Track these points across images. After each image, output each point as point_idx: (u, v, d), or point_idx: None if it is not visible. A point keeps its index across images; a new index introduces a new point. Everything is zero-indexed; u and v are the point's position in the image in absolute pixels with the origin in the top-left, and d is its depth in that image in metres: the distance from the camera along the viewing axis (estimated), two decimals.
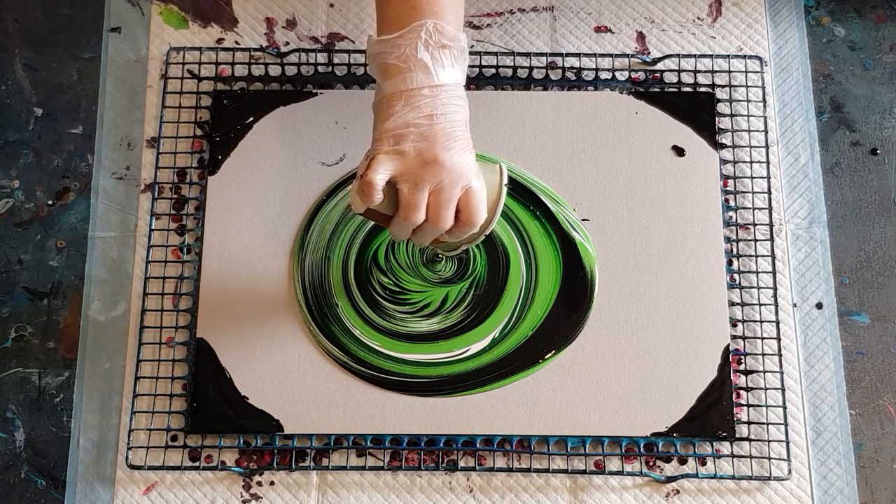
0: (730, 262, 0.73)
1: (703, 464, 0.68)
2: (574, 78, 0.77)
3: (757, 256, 0.73)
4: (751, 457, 0.68)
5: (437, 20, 0.56)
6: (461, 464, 0.68)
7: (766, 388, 0.70)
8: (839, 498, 0.68)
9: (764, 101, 0.76)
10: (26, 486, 0.69)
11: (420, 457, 0.68)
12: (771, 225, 0.73)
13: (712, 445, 0.69)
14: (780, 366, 0.70)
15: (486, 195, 0.58)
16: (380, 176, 0.56)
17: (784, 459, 0.68)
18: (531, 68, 0.77)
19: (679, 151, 0.75)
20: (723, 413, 0.69)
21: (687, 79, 0.77)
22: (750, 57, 0.77)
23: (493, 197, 0.59)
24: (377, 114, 0.58)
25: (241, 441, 0.69)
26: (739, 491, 0.68)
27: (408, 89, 0.56)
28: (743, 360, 0.71)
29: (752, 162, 0.75)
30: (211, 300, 0.71)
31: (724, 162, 0.75)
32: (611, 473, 0.68)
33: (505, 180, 0.60)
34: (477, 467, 0.68)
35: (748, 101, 0.77)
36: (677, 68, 0.77)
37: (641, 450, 0.68)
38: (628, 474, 0.68)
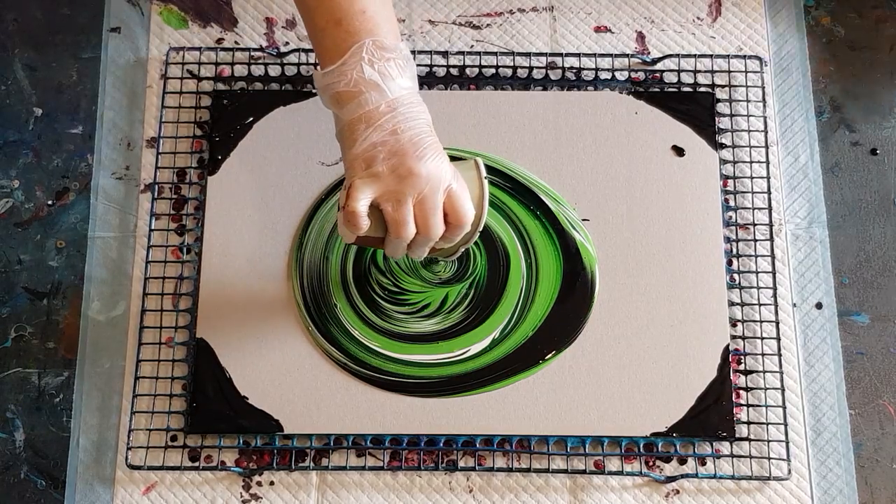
0: (730, 262, 0.73)
1: (703, 464, 0.68)
2: (574, 78, 0.77)
3: (757, 256, 0.73)
4: (750, 457, 0.68)
5: (375, 37, 0.56)
6: (461, 464, 0.69)
7: (766, 388, 0.70)
8: (839, 498, 0.68)
9: (764, 101, 0.76)
10: (26, 486, 0.69)
11: (420, 457, 0.68)
12: (771, 225, 0.73)
13: (712, 445, 0.69)
14: (780, 366, 0.70)
15: (468, 193, 0.58)
16: (361, 203, 0.56)
17: (784, 459, 0.68)
18: (531, 68, 0.77)
19: (679, 151, 0.75)
20: (723, 413, 0.69)
21: (687, 79, 0.77)
22: (750, 57, 0.77)
23: (477, 192, 0.60)
24: (342, 142, 0.58)
25: (241, 441, 0.69)
26: (739, 491, 0.68)
27: (365, 111, 0.56)
28: (743, 360, 0.71)
29: (752, 162, 0.75)
30: (211, 300, 0.71)
31: (724, 162, 0.75)
32: (611, 473, 0.68)
33: (483, 173, 0.60)
34: (477, 467, 0.68)
35: (748, 101, 0.77)
36: (677, 68, 0.77)
37: (641, 450, 0.68)
38: (628, 474, 0.68)
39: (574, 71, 0.77)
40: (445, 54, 0.77)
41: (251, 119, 0.75)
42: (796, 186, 0.75)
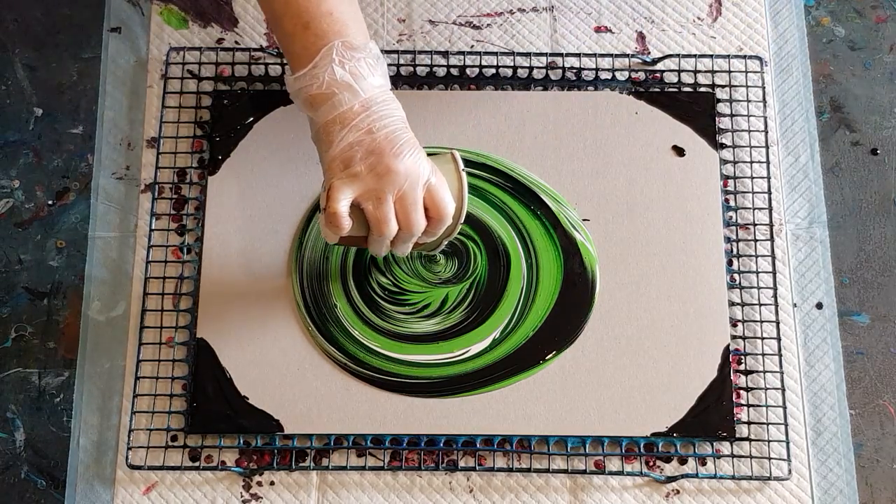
0: (730, 262, 0.73)
1: (703, 464, 0.68)
2: (574, 78, 0.77)
3: (757, 256, 0.73)
4: (751, 457, 0.68)
5: (344, 38, 0.56)
6: (461, 464, 0.68)
7: (766, 388, 0.70)
8: (839, 498, 0.68)
9: (764, 101, 0.76)
10: (26, 486, 0.69)
11: (420, 457, 0.68)
12: (771, 225, 0.73)
13: (712, 445, 0.69)
14: (780, 366, 0.70)
15: (447, 186, 0.59)
16: (342, 203, 0.56)
17: (784, 459, 0.68)
18: (531, 68, 0.77)
19: (679, 151, 0.75)
20: (723, 413, 0.69)
21: (687, 79, 0.77)
22: (750, 57, 0.77)
23: (456, 185, 0.60)
24: (318, 144, 0.59)
25: (241, 441, 0.69)
26: (739, 491, 0.68)
27: (340, 112, 0.56)
28: (743, 360, 0.71)
29: (752, 162, 0.75)
30: (211, 300, 0.71)
31: (724, 162, 0.75)
32: (611, 473, 0.68)
33: (461, 165, 0.61)
34: (477, 467, 0.68)
35: (748, 101, 0.77)
36: (677, 68, 0.77)
37: (641, 450, 0.68)
38: (628, 474, 0.68)
39: (574, 71, 0.77)
40: (446, 54, 0.77)
41: (252, 119, 0.75)
42: (796, 186, 0.75)
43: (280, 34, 0.59)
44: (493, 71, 0.77)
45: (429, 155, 0.59)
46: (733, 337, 0.71)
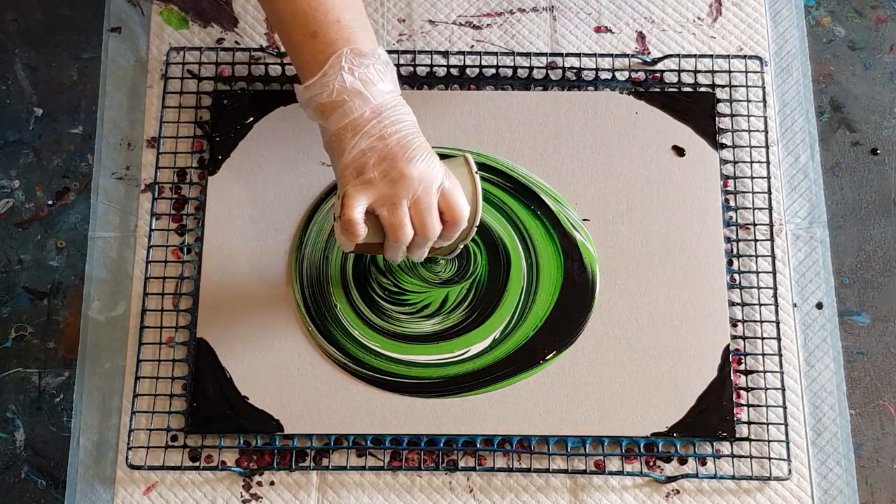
0: (730, 262, 0.73)
1: (703, 464, 0.68)
2: (574, 78, 0.77)
3: (757, 256, 0.73)
4: (751, 457, 0.68)
5: (352, 45, 0.57)
6: (461, 464, 0.68)
7: (766, 388, 0.70)
8: (839, 498, 0.68)
9: (764, 101, 0.76)
10: (26, 486, 0.69)
11: (420, 457, 0.68)
12: (771, 225, 0.73)
13: (712, 445, 0.69)
14: (780, 366, 0.70)
15: (461, 189, 0.59)
16: (357, 210, 0.56)
17: (784, 459, 0.68)
18: (531, 68, 0.77)
19: (679, 151, 0.75)
20: (723, 413, 0.69)
21: (687, 79, 0.77)
22: (750, 57, 0.77)
23: (470, 187, 0.60)
24: (331, 152, 0.59)
25: (241, 441, 0.69)
26: (739, 491, 0.68)
27: (351, 120, 0.56)
28: (743, 360, 0.71)
29: (752, 162, 0.75)
30: (211, 300, 0.71)
31: (724, 162, 0.75)
32: (611, 473, 0.68)
33: (474, 168, 0.61)
34: (477, 467, 0.68)
35: (748, 101, 0.77)
36: (677, 68, 0.77)
37: (641, 450, 0.68)
38: (628, 474, 0.68)
39: (574, 71, 0.77)
40: (446, 54, 0.77)
41: (252, 119, 0.75)
42: (796, 186, 0.75)
43: (288, 44, 0.59)
44: (493, 71, 0.77)
45: (441, 159, 0.59)
46: (733, 337, 0.71)
